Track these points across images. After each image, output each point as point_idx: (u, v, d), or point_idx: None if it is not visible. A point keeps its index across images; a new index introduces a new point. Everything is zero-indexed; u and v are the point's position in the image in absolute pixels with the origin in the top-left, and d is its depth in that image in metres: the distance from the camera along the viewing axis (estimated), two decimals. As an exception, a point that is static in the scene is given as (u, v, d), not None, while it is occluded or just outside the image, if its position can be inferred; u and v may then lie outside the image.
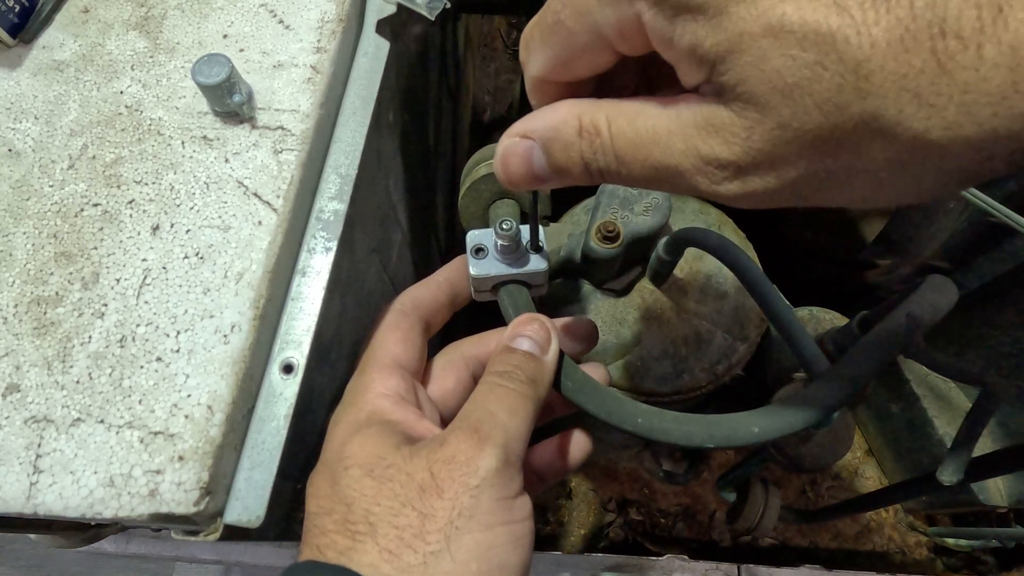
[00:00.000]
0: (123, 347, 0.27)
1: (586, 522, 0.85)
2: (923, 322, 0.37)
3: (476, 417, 0.25)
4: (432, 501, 0.23)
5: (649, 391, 0.50)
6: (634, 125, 0.18)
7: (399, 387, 0.29)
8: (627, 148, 0.18)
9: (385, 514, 0.23)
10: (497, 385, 0.27)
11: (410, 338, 0.31)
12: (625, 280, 0.49)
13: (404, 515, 0.23)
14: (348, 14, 0.36)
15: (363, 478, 0.24)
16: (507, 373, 0.27)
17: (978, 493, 0.70)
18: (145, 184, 0.31)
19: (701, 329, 0.50)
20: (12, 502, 0.25)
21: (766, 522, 0.62)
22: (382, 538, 0.23)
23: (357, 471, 0.25)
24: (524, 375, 0.27)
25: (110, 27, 0.35)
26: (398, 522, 0.23)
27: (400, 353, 0.30)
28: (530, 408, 0.27)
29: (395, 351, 0.30)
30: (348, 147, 0.34)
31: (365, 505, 0.23)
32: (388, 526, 0.23)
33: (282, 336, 0.30)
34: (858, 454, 0.87)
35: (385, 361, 0.30)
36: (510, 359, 0.28)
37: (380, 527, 0.23)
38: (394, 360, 0.30)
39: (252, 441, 0.27)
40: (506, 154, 0.21)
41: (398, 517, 0.23)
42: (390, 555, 0.22)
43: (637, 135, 0.18)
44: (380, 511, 0.23)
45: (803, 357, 0.39)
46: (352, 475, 0.25)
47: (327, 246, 0.32)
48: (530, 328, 0.29)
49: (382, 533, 0.23)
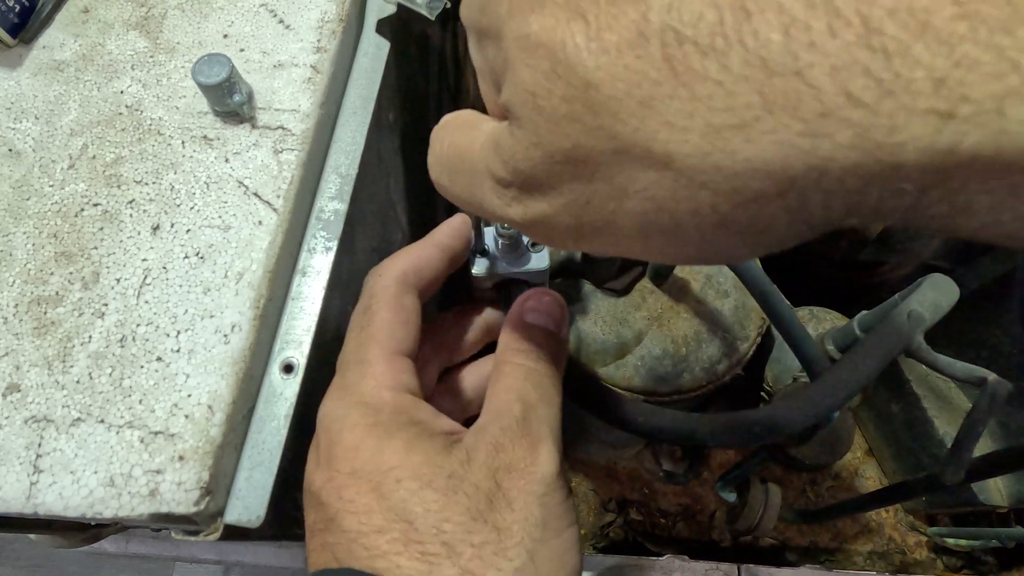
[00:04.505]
0: (123, 347, 0.27)
1: (586, 522, 0.85)
2: (924, 321, 0.37)
3: (521, 413, 0.24)
4: (504, 514, 0.21)
5: (649, 391, 0.50)
6: (454, 135, 0.18)
7: (410, 382, 0.26)
8: (443, 159, 0.19)
9: (459, 531, 0.21)
10: (531, 370, 0.25)
11: (412, 319, 0.27)
12: (626, 279, 0.49)
13: (479, 531, 0.21)
14: (348, 14, 0.36)
15: (423, 490, 0.22)
16: (534, 355, 0.25)
17: (978, 493, 0.70)
18: (145, 184, 0.31)
19: (701, 328, 0.50)
20: (12, 502, 0.25)
21: (766, 522, 0.62)
22: (460, 558, 0.21)
23: (413, 483, 0.22)
24: (549, 355, 0.26)
25: (110, 27, 0.35)
26: (474, 540, 0.21)
27: (404, 339, 0.27)
28: (560, 392, 0.26)
29: (400, 336, 0.26)
30: (348, 147, 0.34)
31: (433, 522, 0.21)
32: (465, 544, 0.21)
33: (282, 336, 0.30)
34: (858, 454, 0.87)
35: (391, 348, 0.26)
36: (531, 336, 0.26)
37: (456, 546, 0.21)
38: (399, 348, 0.26)
39: (252, 441, 0.27)
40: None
41: (473, 534, 0.21)
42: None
43: (454, 145, 0.18)
44: (452, 528, 0.21)
45: (804, 357, 0.39)
46: (408, 488, 0.22)
47: (327, 246, 0.32)
48: (543, 302, 0.27)
49: (460, 552, 0.21)
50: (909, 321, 0.37)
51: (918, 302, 0.38)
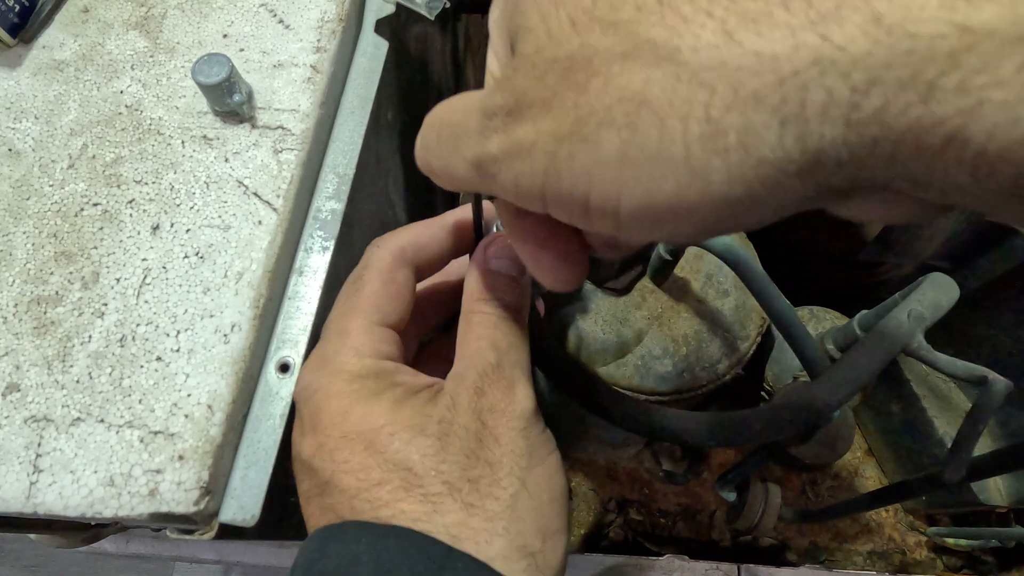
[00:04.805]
0: (123, 346, 0.27)
1: (586, 522, 0.85)
2: (924, 320, 0.37)
3: (495, 359, 0.25)
4: (493, 449, 0.23)
5: (650, 390, 0.50)
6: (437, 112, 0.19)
7: (390, 351, 0.26)
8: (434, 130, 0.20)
9: (456, 470, 0.22)
10: (500, 319, 0.26)
11: (403, 294, 0.27)
12: (626, 279, 0.49)
13: (474, 467, 0.23)
14: (348, 14, 0.36)
15: (416, 439, 0.23)
16: (500, 303, 0.26)
17: (978, 493, 0.70)
18: (145, 184, 0.31)
19: (702, 328, 0.50)
20: (12, 502, 0.25)
21: (766, 522, 0.62)
22: (460, 494, 0.22)
23: (406, 433, 0.23)
24: (514, 302, 0.27)
25: (110, 27, 0.35)
26: (471, 475, 0.22)
27: (391, 312, 0.27)
28: (526, 333, 0.27)
29: (386, 309, 0.27)
30: (346, 146, 0.34)
31: (431, 465, 0.22)
32: (463, 481, 0.22)
33: (279, 335, 0.30)
34: (858, 454, 0.87)
35: (375, 319, 0.26)
36: (496, 284, 0.27)
37: (456, 483, 0.22)
38: (383, 319, 0.27)
39: (248, 440, 0.27)
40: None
41: (469, 470, 0.23)
42: (474, 508, 0.22)
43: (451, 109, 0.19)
44: (449, 468, 0.22)
45: (804, 356, 0.39)
46: (402, 438, 0.23)
47: (324, 245, 0.32)
48: (504, 247, 0.27)
49: (459, 488, 0.22)
50: (909, 320, 0.37)
51: (918, 301, 0.38)
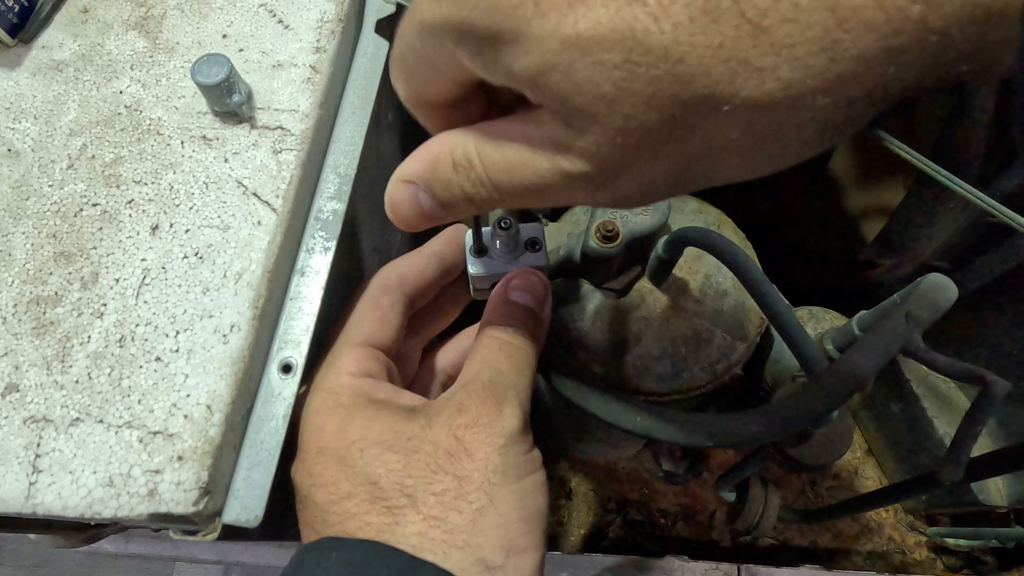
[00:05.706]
0: (122, 347, 0.27)
1: (586, 522, 0.85)
2: (922, 321, 0.37)
3: (488, 378, 0.25)
4: (463, 464, 0.23)
5: (648, 390, 0.50)
6: (502, 151, 0.18)
7: (372, 368, 0.28)
8: (500, 176, 0.18)
9: (421, 484, 0.23)
10: (505, 343, 0.27)
11: (388, 317, 0.30)
12: (624, 279, 0.49)
13: (439, 481, 0.23)
14: (347, 14, 0.36)
15: (385, 454, 0.24)
16: (512, 329, 0.27)
17: (978, 493, 0.70)
18: (144, 184, 0.31)
19: (700, 328, 0.50)
20: (11, 502, 0.25)
21: (766, 522, 0.62)
22: (423, 506, 0.23)
23: (376, 448, 0.24)
24: (528, 331, 0.27)
25: (109, 27, 0.35)
26: (435, 489, 0.23)
27: (375, 333, 0.29)
28: (534, 364, 0.27)
29: (370, 331, 0.29)
30: (347, 147, 0.34)
31: (396, 479, 0.23)
32: (426, 494, 0.23)
33: (281, 336, 0.30)
34: (858, 454, 0.87)
35: (358, 340, 0.29)
36: (512, 313, 0.27)
37: (419, 496, 0.23)
38: (367, 339, 0.29)
39: (251, 441, 0.27)
40: (393, 202, 0.21)
41: (434, 484, 0.23)
42: (436, 520, 0.22)
43: (507, 161, 0.18)
44: (414, 482, 0.23)
45: (802, 356, 0.39)
46: (371, 453, 0.24)
47: (326, 246, 0.32)
48: (528, 282, 0.28)
49: (422, 501, 0.23)
50: (908, 321, 0.37)
51: (916, 302, 0.38)
